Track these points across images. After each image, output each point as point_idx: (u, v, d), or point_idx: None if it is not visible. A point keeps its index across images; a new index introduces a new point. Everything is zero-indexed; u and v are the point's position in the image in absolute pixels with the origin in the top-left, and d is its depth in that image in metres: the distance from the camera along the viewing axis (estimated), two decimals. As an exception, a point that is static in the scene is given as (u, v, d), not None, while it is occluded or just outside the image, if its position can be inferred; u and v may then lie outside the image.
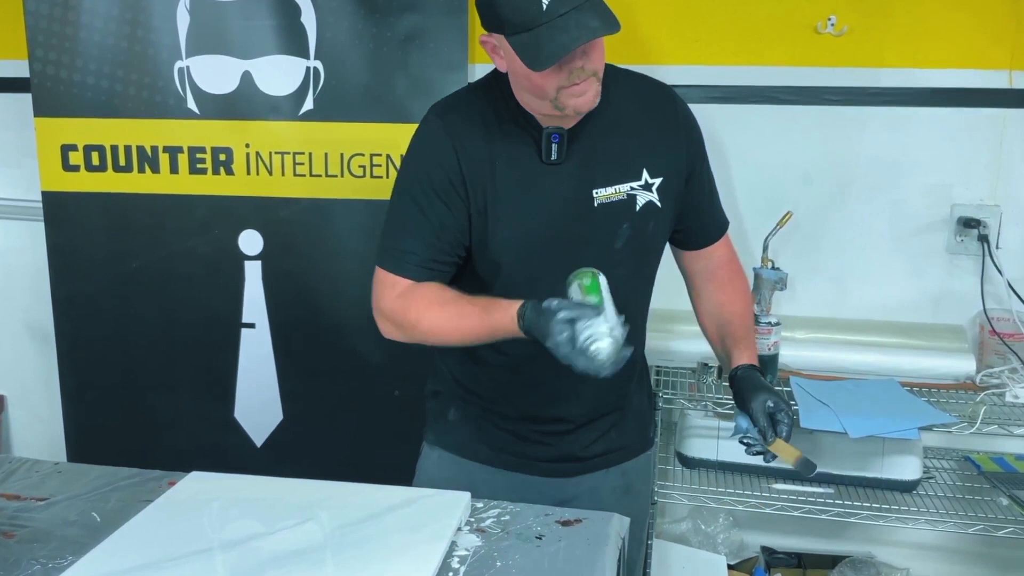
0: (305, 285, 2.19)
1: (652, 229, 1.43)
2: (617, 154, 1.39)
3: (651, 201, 1.41)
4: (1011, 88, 2.07)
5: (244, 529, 1.27)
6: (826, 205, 2.19)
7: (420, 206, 1.37)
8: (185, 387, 2.27)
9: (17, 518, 1.29)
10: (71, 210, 2.22)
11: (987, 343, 2.12)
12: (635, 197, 1.40)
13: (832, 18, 2.09)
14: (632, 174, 1.40)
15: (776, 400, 1.39)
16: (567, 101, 1.29)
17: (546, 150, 1.35)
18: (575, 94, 1.28)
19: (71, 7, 2.11)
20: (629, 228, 1.40)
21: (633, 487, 1.57)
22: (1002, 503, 1.94)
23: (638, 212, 1.40)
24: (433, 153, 1.37)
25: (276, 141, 2.13)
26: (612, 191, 1.38)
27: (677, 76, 2.07)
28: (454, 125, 1.38)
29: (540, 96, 1.30)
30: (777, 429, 1.38)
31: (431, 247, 1.37)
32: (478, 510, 1.31)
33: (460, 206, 1.36)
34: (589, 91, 1.29)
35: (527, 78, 1.28)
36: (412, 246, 1.37)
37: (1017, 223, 2.13)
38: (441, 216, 1.36)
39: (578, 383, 1.41)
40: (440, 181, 1.36)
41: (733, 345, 1.50)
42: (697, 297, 1.58)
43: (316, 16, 2.06)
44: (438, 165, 1.36)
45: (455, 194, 1.36)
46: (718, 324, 1.54)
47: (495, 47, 1.31)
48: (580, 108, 1.31)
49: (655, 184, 1.41)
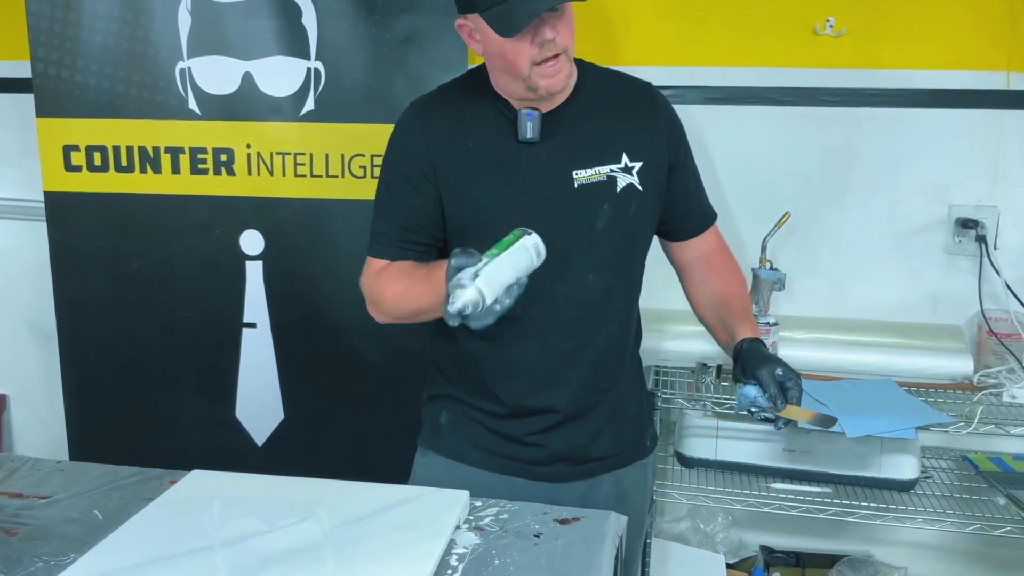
0: (306, 285, 2.20)
1: (634, 212, 1.44)
2: (596, 137, 1.43)
3: (631, 184, 1.43)
4: (1008, 89, 2.08)
5: (244, 527, 1.28)
6: (824, 206, 2.20)
7: (391, 191, 1.45)
8: (186, 386, 2.27)
9: (20, 516, 1.30)
10: (73, 210, 2.22)
11: (985, 343, 2.13)
12: (615, 179, 1.42)
13: (830, 19, 2.10)
14: (611, 157, 1.43)
15: (785, 368, 1.39)
16: (539, 81, 1.34)
17: (521, 127, 1.39)
18: (547, 74, 1.33)
19: (73, 8, 2.12)
20: (610, 209, 1.42)
21: (627, 495, 1.55)
22: (999, 503, 1.95)
23: (619, 194, 1.42)
24: (404, 141, 1.45)
25: (277, 141, 2.14)
26: (592, 172, 1.41)
27: (676, 77, 2.10)
28: (426, 112, 1.45)
29: (514, 74, 1.34)
30: (788, 395, 1.36)
31: (400, 228, 1.44)
32: (476, 508, 1.32)
33: (429, 190, 1.42)
34: (562, 71, 1.35)
35: (500, 56, 1.34)
36: (383, 228, 1.46)
37: (1015, 224, 2.14)
38: (408, 198, 1.43)
39: (562, 368, 1.44)
40: (409, 166, 1.43)
41: (735, 322, 1.49)
42: (691, 285, 1.59)
43: (317, 17, 2.06)
44: (408, 152, 1.43)
45: (423, 178, 1.42)
46: (716, 306, 1.54)
47: (471, 30, 1.37)
48: (552, 88, 1.35)
49: (635, 168, 1.43)
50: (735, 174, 2.17)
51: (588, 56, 1.46)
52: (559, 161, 1.41)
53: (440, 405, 1.55)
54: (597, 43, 2.15)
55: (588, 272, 1.43)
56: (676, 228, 1.56)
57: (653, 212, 1.49)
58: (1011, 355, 2.05)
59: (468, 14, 1.35)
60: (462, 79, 1.51)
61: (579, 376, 1.47)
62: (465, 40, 1.39)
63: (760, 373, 1.38)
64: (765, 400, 1.36)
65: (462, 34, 1.39)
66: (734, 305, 1.53)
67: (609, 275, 1.44)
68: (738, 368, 1.43)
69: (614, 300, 1.48)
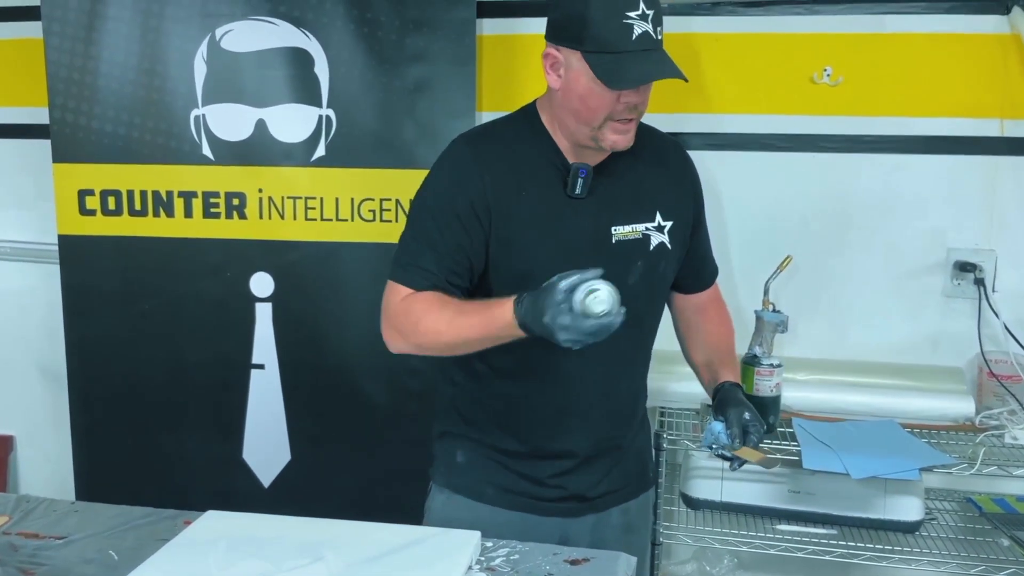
0: (315, 327, 2.23)
1: (662, 269, 1.49)
2: (634, 194, 1.46)
3: (663, 242, 1.47)
4: (1002, 136, 2.12)
5: (261, 569, 1.28)
6: (824, 249, 2.23)
7: (439, 226, 1.40)
8: (194, 427, 2.29)
9: (36, 556, 1.31)
10: (87, 253, 2.26)
11: (985, 385, 2.14)
12: (649, 237, 1.46)
13: (828, 69, 2.16)
14: (647, 215, 1.46)
15: (753, 415, 1.46)
16: (610, 136, 1.36)
17: (572, 184, 1.41)
18: (618, 131, 1.36)
19: (91, 57, 2.18)
20: (643, 266, 1.46)
21: (633, 525, 1.61)
22: (1003, 544, 1.95)
23: (651, 251, 1.46)
24: (459, 177, 1.41)
25: (288, 186, 2.18)
26: (629, 229, 1.45)
27: (678, 124, 2.14)
28: (484, 153, 1.43)
29: (587, 121, 1.36)
30: (748, 439, 1.44)
31: (445, 268, 1.40)
32: (488, 549, 1.33)
33: (478, 232, 1.39)
34: (630, 132, 1.38)
35: (582, 99, 1.34)
36: (427, 263, 1.40)
37: (1013, 267, 2.17)
38: (458, 238, 1.39)
39: (585, 414, 1.47)
40: (463, 206, 1.39)
41: (720, 367, 1.58)
42: (686, 329, 1.66)
43: (329, 67, 2.12)
44: (463, 190, 1.40)
45: (475, 220, 1.39)
46: (706, 350, 1.62)
47: (556, 62, 1.36)
48: (618, 145, 1.38)
49: (667, 227, 1.48)
50: (737, 218, 2.21)
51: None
52: (601, 217, 1.43)
53: (455, 443, 1.57)
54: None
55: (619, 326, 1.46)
56: (687, 283, 1.62)
57: (676, 269, 1.54)
58: (1012, 397, 2.07)
59: (564, 47, 1.34)
60: (512, 118, 1.48)
61: (600, 421, 1.51)
62: (544, 69, 1.37)
63: (729, 413, 1.46)
64: (726, 438, 1.45)
65: (544, 63, 1.37)
66: (722, 351, 1.62)
67: (635, 329, 1.46)
68: (714, 406, 1.52)
69: (638, 352, 1.53)
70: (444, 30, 2.09)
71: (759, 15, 2.18)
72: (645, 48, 1.30)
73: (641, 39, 1.29)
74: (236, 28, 2.13)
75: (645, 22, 1.29)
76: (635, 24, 1.29)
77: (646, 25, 1.29)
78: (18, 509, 1.46)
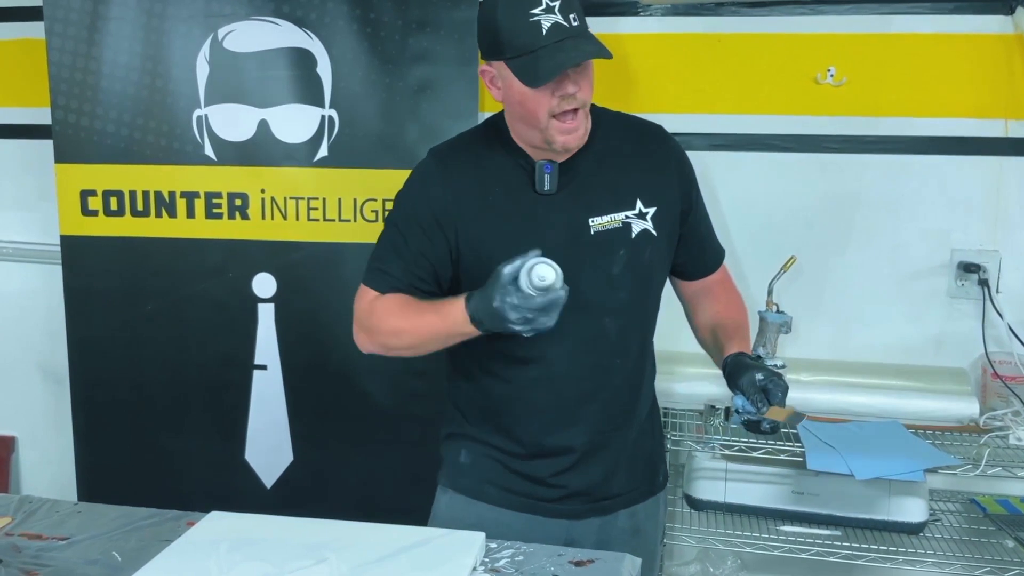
0: (317, 327, 2.22)
1: (648, 256, 1.48)
2: (610, 184, 1.46)
3: (646, 229, 1.47)
4: (1006, 136, 2.12)
5: (260, 570, 1.29)
6: (828, 250, 2.23)
7: (403, 234, 1.47)
8: (196, 428, 2.29)
9: (40, 557, 1.31)
10: (89, 253, 2.26)
11: (989, 386, 2.14)
12: (630, 225, 1.46)
13: (831, 69, 2.16)
14: (626, 203, 1.46)
15: (765, 373, 1.42)
16: (557, 136, 1.37)
17: (539, 180, 1.42)
18: (565, 130, 1.37)
19: (93, 57, 2.18)
20: (626, 254, 1.46)
21: (642, 528, 1.59)
22: (1008, 545, 1.95)
23: (634, 239, 1.46)
24: (422, 189, 1.48)
25: (291, 187, 2.18)
26: (608, 219, 1.45)
27: (682, 124, 2.12)
28: (450, 166, 1.48)
29: (532, 123, 1.38)
30: (771, 398, 1.41)
31: (409, 273, 1.46)
32: (492, 550, 1.33)
33: (441, 241, 1.45)
34: (579, 128, 1.38)
35: (521, 104, 1.37)
36: (393, 268, 1.47)
37: (1016, 268, 2.16)
38: (421, 246, 1.45)
39: (578, 407, 1.47)
40: (424, 216, 1.45)
41: (725, 341, 1.54)
42: (694, 313, 1.64)
43: (332, 67, 2.12)
44: (426, 202, 1.46)
45: (438, 229, 1.44)
46: (712, 327, 1.59)
47: (493, 77, 1.40)
48: (568, 144, 1.39)
49: (649, 213, 1.47)
50: (741, 219, 2.20)
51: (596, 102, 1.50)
52: (576, 210, 1.44)
53: (459, 444, 1.57)
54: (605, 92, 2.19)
55: (605, 316, 1.47)
56: (689, 269, 1.61)
57: (666, 254, 1.53)
58: (1016, 397, 2.06)
59: (493, 61, 1.39)
60: (480, 128, 1.54)
61: (594, 414, 1.50)
62: (487, 85, 1.43)
63: (742, 382, 1.43)
64: (750, 406, 1.41)
65: (484, 79, 1.43)
66: (726, 326, 1.58)
67: (624, 318, 1.48)
68: (727, 382, 1.49)
69: (629, 341, 1.51)
70: (447, 31, 2.09)
71: (762, 15, 2.18)
72: (559, 39, 1.31)
73: (553, 31, 1.31)
74: (238, 28, 2.13)
75: (552, 14, 1.31)
76: (541, 19, 1.31)
77: (554, 16, 1.31)
78: (21, 510, 1.46)
